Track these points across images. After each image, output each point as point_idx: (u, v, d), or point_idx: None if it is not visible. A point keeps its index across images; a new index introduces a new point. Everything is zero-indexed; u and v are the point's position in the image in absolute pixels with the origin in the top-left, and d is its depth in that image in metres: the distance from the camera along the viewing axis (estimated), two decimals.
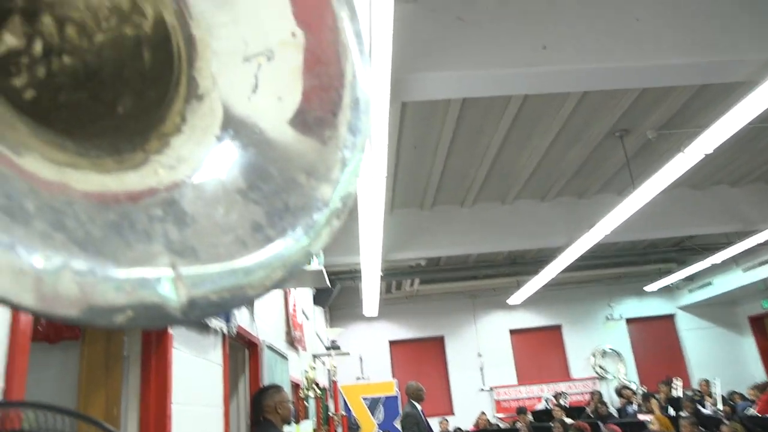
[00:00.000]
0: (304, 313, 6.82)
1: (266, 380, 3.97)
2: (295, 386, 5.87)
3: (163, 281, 0.44)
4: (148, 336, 1.99)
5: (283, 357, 5.01)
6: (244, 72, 0.60)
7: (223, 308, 0.49)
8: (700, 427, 6.53)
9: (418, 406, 6.01)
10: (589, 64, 3.51)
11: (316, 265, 3.59)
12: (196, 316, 0.45)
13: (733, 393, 9.48)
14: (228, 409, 2.97)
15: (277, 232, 0.55)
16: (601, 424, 7.41)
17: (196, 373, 2.47)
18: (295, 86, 0.61)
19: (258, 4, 0.60)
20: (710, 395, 9.07)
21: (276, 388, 3.49)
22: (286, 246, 0.54)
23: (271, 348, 4.34)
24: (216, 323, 2.59)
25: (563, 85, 3.75)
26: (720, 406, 8.64)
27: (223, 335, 2.93)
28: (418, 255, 7.64)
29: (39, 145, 0.46)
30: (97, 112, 0.61)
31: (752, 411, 7.50)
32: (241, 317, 3.42)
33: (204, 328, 2.53)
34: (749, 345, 11.85)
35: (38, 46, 0.59)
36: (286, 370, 5.16)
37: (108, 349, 1.93)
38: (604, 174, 6.59)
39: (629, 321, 12.19)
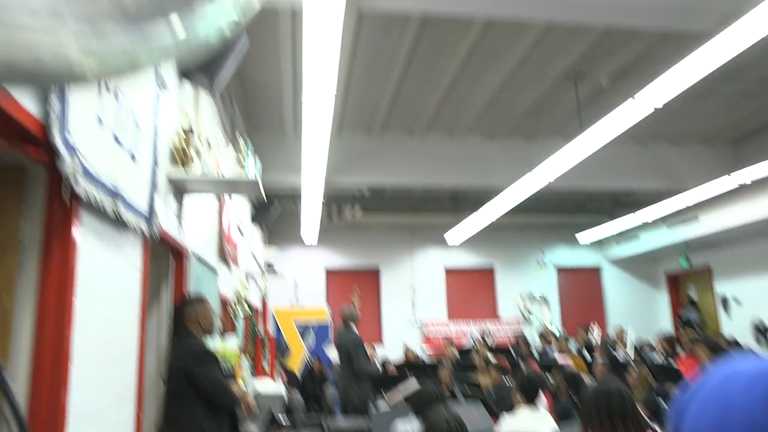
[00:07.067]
0: (239, 229, 6.64)
1: (193, 292, 3.82)
2: (224, 303, 5.77)
3: None
4: (51, 219, 1.80)
5: (213, 270, 4.86)
6: None
7: None
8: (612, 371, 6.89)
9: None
10: None
11: (252, 174, 3.41)
12: None
13: (642, 344, 10.11)
14: (146, 315, 2.83)
15: None
16: (521, 363, 7.72)
17: (109, 270, 2.30)
18: None
19: None
20: (623, 343, 9.62)
21: (199, 300, 3.36)
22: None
23: (199, 259, 4.18)
24: (134, 219, 2.40)
25: (526, 10, 3.60)
26: (631, 353, 9.18)
27: (144, 237, 2.75)
28: (362, 181, 7.52)
29: None
30: None
31: (657, 359, 7.99)
32: (166, 222, 3.23)
33: (120, 224, 2.34)
34: (663, 300, 12.57)
35: None
36: (215, 285, 5.02)
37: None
38: (554, 118, 6.58)
39: (559, 269, 12.63)
